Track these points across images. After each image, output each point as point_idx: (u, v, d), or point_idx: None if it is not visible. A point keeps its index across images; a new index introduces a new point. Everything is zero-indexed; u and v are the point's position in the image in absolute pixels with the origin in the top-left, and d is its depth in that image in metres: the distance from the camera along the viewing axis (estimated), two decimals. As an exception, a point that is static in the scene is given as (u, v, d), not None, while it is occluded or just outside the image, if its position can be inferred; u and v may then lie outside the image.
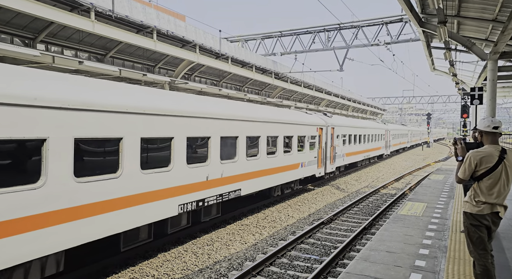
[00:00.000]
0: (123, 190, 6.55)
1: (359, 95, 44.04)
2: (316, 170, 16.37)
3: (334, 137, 18.76)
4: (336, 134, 18.99)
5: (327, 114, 19.78)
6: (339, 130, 19.61)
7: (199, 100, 9.38)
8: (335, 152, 18.88)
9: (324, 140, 17.24)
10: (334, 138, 18.77)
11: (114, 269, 7.39)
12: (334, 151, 18.76)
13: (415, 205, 9.54)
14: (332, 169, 18.84)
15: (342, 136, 20.20)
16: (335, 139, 18.87)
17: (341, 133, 20.04)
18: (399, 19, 21.04)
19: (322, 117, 18.08)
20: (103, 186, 6.14)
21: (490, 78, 12.73)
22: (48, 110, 5.31)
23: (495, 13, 10.06)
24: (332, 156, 18.50)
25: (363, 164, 27.74)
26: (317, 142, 16.18)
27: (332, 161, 18.54)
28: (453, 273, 5.02)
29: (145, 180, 7.03)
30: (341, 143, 20.04)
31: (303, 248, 8.99)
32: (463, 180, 4.11)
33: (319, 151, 16.59)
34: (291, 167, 13.71)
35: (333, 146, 18.51)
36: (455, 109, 75.33)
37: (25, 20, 10.76)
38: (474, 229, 3.97)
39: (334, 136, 18.76)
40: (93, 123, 5.99)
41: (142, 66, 15.84)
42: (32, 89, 5.24)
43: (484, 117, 4.36)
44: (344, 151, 20.54)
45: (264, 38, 24.89)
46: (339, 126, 19.83)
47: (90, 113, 5.94)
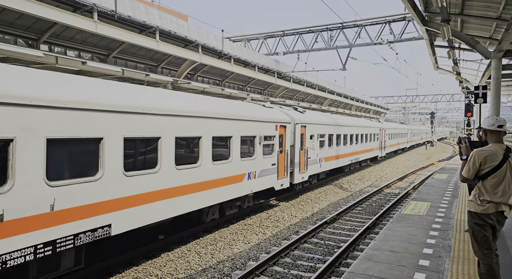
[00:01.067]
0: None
1: (362, 95, 43.90)
2: (275, 181, 12.42)
3: (307, 138, 15.19)
4: (309, 134, 15.44)
5: (298, 109, 16.11)
6: (313, 129, 15.92)
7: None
8: (307, 157, 15.16)
9: (289, 141, 13.49)
10: (307, 140, 15.20)
11: (117, 269, 7.41)
12: (306, 156, 15.08)
13: (418, 204, 9.50)
14: (303, 178, 15.07)
15: (319, 136, 16.51)
16: (307, 140, 15.31)
17: (318, 133, 16.40)
18: (402, 17, 20.94)
19: (287, 113, 14.37)
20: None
21: (494, 77, 12.65)
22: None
23: (499, 11, 9.98)
24: (303, 161, 14.80)
25: (352, 169, 24.01)
26: (276, 144, 12.39)
27: (303, 168, 14.86)
28: (457, 272, 4.99)
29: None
30: (317, 144, 16.38)
31: (307, 247, 8.97)
32: (467, 178, 4.09)
33: (280, 156, 12.77)
34: (229, 180, 9.92)
35: (304, 149, 14.92)
36: (459, 108, 75.03)
37: (28, 21, 10.80)
38: (478, 228, 3.95)
39: (307, 137, 15.19)
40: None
41: (145, 66, 15.86)
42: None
43: (489, 116, 4.34)
44: (321, 154, 16.86)
45: (266, 37, 24.87)
46: (314, 124, 16.09)
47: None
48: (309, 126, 15.43)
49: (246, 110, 11.06)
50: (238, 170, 10.33)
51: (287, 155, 13.27)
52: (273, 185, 12.40)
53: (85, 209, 5.98)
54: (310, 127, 15.60)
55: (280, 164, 12.79)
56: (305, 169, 15.11)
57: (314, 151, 16.06)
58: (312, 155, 15.85)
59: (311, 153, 15.69)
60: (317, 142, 16.35)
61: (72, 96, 5.82)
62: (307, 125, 15.20)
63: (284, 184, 13.19)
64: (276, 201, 14.08)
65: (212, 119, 9.20)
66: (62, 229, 5.61)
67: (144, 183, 7.17)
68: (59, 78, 6.17)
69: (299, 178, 14.64)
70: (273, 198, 14.17)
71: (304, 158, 14.97)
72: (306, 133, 15.13)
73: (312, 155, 15.79)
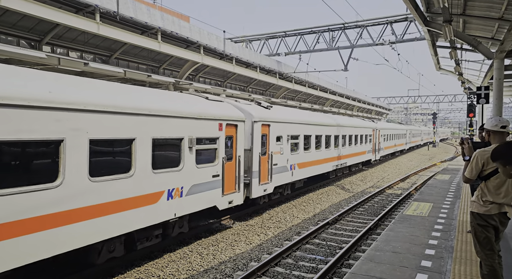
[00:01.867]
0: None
1: (364, 95, 43.86)
2: (219, 198, 9.49)
3: (271, 140, 12.18)
4: (275, 136, 12.40)
5: (263, 104, 12.92)
6: (282, 129, 12.87)
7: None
8: (271, 164, 12.19)
9: (242, 145, 10.51)
10: (271, 142, 12.18)
11: (120, 270, 7.42)
12: (270, 162, 12.12)
13: (421, 205, 9.48)
14: (266, 190, 12.04)
15: (289, 138, 13.49)
16: (272, 143, 12.26)
17: (288, 134, 13.38)
18: (404, 18, 20.92)
19: (242, 108, 11.24)
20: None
21: (496, 77, 12.63)
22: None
23: (501, 11, 9.96)
24: (265, 169, 11.89)
25: (340, 174, 20.80)
26: (221, 148, 9.52)
27: (265, 178, 11.89)
28: (459, 273, 4.97)
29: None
30: (287, 148, 13.41)
31: (308, 248, 8.97)
32: (470, 179, 4.08)
33: (228, 164, 9.86)
34: (130, 202, 6.89)
35: (268, 154, 12.03)
36: (461, 109, 74.86)
37: (31, 22, 10.85)
38: (481, 229, 3.93)
39: (271, 139, 12.18)
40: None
41: (147, 67, 15.89)
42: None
43: (492, 117, 4.33)
44: (294, 160, 13.93)
45: (268, 38, 24.88)
46: (282, 123, 12.90)
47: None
48: (275, 125, 12.35)
49: (165, 102, 7.87)
50: (149, 187, 7.20)
51: (238, 163, 10.21)
52: (216, 203, 9.36)
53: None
54: (277, 126, 12.51)
55: (227, 174, 9.79)
56: (269, 179, 12.10)
57: (283, 155, 12.97)
58: (280, 161, 12.80)
59: (278, 158, 12.61)
60: (287, 145, 13.31)
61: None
62: (271, 124, 12.11)
63: (234, 200, 10.15)
64: (230, 221, 11.14)
65: (90, 114, 6.08)
66: None
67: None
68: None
69: (259, 190, 11.58)
70: (226, 217, 11.06)
71: (268, 165, 11.97)
72: (271, 134, 12.11)
73: (279, 161, 12.74)
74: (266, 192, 12.07)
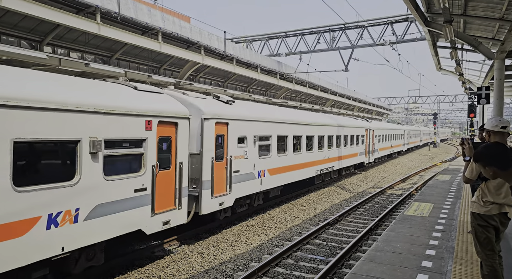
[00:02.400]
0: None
1: (364, 96, 43.85)
2: (145, 219, 7.26)
3: (231, 141, 10.10)
4: (236, 136, 10.37)
5: (221, 98, 10.71)
6: (246, 128, 10.86)
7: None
8: (231, 170, 10.08)
9: (186, 148, 8.39)
10: (230, 144, 10.07)
11: (120, 270, 7.44)
12: (229, 169, 10.00)
13: (421, 206, 9.48)
14: (223, 204, 9.83)
15: (257, 139, 11.34)
16: (232, 145, 10.17)
17: (255, 135, 11.27)
18: (404, 18, 20.92)
19: (188, 101, 9.26)
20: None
21: (497, 77, 12.63)
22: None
23: (502, 12, 9.97)
24: (221, 178, 9.75)
25: (328, 179, 18.69)
26: (150, 153, 7.32)
27: (222, 189, 9.75)
28: (460, 274, 4.97)
29: None
30: (254, 151, 11.24)
31: (309, 248, 8.97)
32: (470, 179, 4.08)
33: (160, 174, 7.59)
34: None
35: (226, 159, 9.91)
36: (462, 109, 74.79)
37: (31, 23, 10.87)
38: (481, 230, 3.93)
39: (231, 140, 10.10)
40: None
41: (148, 68, 15.91)
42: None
43: (492, 117, 4.33)
44: (263, 165, 11.76)
45: (268, 38, 24.90)
46: (246, 121, 10.88)
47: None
48: (236, 124, 10.30)
49: (48, 89, 5.74)
50: (5, 212, 4.98)
51: (180, 171, 8.07)
52: (140, 226, 7.12)
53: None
54: (239, 125, 10.48)
55: (161, 187, 7.59)
56: (227, 190, 9.94)
57: (248, 160, 10.88)
58: (243, 166, 10.67)
59: (240, 164, 10.50)
60: (253, 148, 11.16)
61: None
62: (231, 122, 10.04)
63: (173, 219, 7.92)
64: (176, 242, 9.09)
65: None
66: None
67: None
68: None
69: (212, 205, 9.36)
70: (172, 238, 9.05)
71: (225, 173, 9.90)
72: (230, 135, 10.06)
73: (242, 166, 10.60)
74: (223, 205, 9.79)
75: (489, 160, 3.61)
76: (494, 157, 3.61)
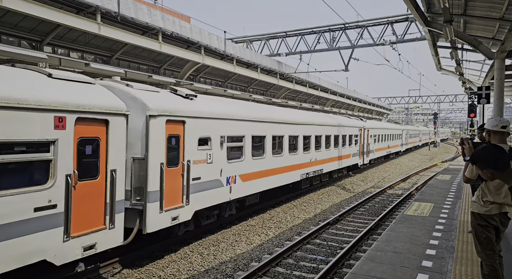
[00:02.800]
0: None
1: (364, 95, 43.85)
2: (55, 246, 5.55)
3: (188, 142, 8.42)
4: (196, 137, 8.73)
5: (179, 92, 9.08)
6: (210, 127, 9.24)
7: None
8: (189, 178, 8.44)
9: (117, 152, 6.72)
10: (188, 146, 8.43)
11: (120, 270, 7.43)
12: (186, 176, 8.37)
13: (421, 205, 9.48)
14: (178, 218, 8.16)
15: (225, 140, 9.76)
16: (191, 147, 8.52)
17: (222, 135, 9.66)
18: (404, 18, 20.92)
19: (131, 93, 7.70)
20: None
21: (497, 77, 12.63)
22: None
23: (502, 11, 9.96)
24: (177, 187, 8.17)
25: (317, 183, 17.29)
26: (62, 159, 5.73)
27: (178, 200, 8.15)
28: (460, 273, 4.97)
29: None
30: (222, 154, 9.66)
31: (309, 248, 8.97)
32: (470, 179, 4.08)
33: (80, 185, 6.04)
34: None
35: (182, 164, 8.26)
36: (462, 109, 74.76)
37: (32, 23, 10.88)
38: (481, 230, 3.93)
39: (188, 142, 8.43)
40: None
41: (148, 68, 15.91)
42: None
43: (492, 117, 4.34)
44: (233, 170, 10.20)
45: (269, 38, 24.90)
46: (210, 119, 9.24)
47: None
48: (195, 122, 8.68)
49: None
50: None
51: (112, 181, 6.50)
52: (46, 255, 5.45)
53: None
54: (200, 124, 8.87)
55: (81, 202, 6.01)
56: (184, 201, 8.30)
57: (213, 165, 9.33)
58: (207, 173, 9.09)
59: (202, 169, 8.90)
60: (220, 150, 9.61)
61: None
62: (188, 120, 8.42)
63: (100, 243, 6.28)
64: (119, 265, 7.56)
65: None
66: None
67: None
68: None
69: (162, 220, 7.66)
70: (112, 261, 7.49)
71: (181, 181, 8.24)
72: (188, 135, 8.43)
73: (205, 173, 9.03)
74: (177, 220, 8.08)
75: (487, 162, 3.62)
76: (492, 159, 3.62)
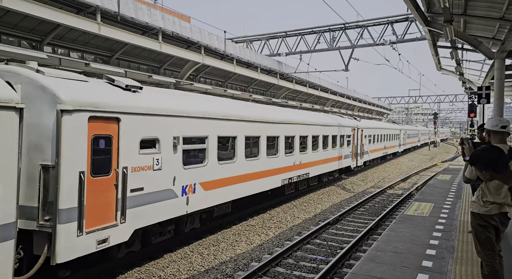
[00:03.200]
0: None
1: (364, 95, 43.84)
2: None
3: (124, 145, 6.71)
4: (138, 137, 7.06)
5: (116, 82, 7.39)
6: (157, 126, 7.51)
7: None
8: (126, 189, 6.68)
9: (6, 159, 4.90)
10: (125, 150, 6.72)
11: (121, 270, 7.44)
12: (122, 187, 6.59)
13: (422, 205, 9.47)
14: (108, 241, 6.30)
15: (179, 142, 7.99)
16: (130, 151, 6.82)
17: (176, 135, 7.90)
18: (404, 18, 20.90)
19: (34, 80, 5.82)
20: None
21: (497, 77, 12.63)
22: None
23: (503, 11, 9.96)
24: (109, 201, 6.42)
25: (304, 187, 15.76)
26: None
27: (111, 216, 6.43)
28: (460, 273, 4.97)
29: None
30: (175, 159, 7.91)
31: (309, 248, 8.97)
32: (470, 179, 4.08)
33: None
34: None
35: (116, 171, 6.55)
36: (462, 109, 74.73)
37: (32, 23, 10.87)
38: (481, 230, 3.93)
39: (124, 144, 6.72)
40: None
41: (148, 68, 15.91)
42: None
43: (492, 117, 4.34)
44: (192, 178, 8.46)
45: (269, 38, 24.88)
46: (157, 116, 7.49)
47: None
48: (136, 120, 6.97)
49: None
50: None
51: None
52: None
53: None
54: (144, 122, 7.14)
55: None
56: (119, 218, 6.55)
57: (162, 172, 7.55)
58: (153, 182, 7.32)
59: (146, 178, 7.14)
60: (173, 154, 7.79)
61: None
62: (125, 117, 6.71)
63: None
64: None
65: None
66: None
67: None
68: None
69: (80, 246, 5.87)
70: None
71: (114, 193, 6.52)
72: (125, 136, 6.73)
73: (150, 182, 7.25)
74: (106, 243, 6.29)
75: (485, 164, 3.62)
76: (490, 161, 3.62)
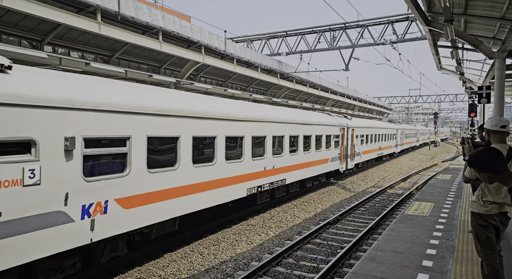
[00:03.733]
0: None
1: (365, 95, 43.84)
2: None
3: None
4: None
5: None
6: (38, 122, 5.10)
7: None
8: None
9: None
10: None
11: (121, 269, 7.44)
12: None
13: (422, 205, 9.47)
14: None
15: (70, 145, 5.52)
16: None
17: (67, 135, 5.50)
18: (405, 18, 20.90)
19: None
20: None
21: (498, 77, 12.62)
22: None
23: (503, 11, 9.95)
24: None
25: (281, 196, 13.59)
26: None
27: None
28: (461, 273, 4.97)
29: None
30: (68, 168, 5.59)
31: (310, 248, 8.97)
32: (470, 179, 4.08)
33: None
34: None
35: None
36: (463, 108, 74.73)
37: (32, 22, 10.88)
38: (481, 229, 3.93)
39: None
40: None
41: (148, 67, 15.91)
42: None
43: (492, 116, 4.33)
44: (101, 194, 6.15)
45: (269, 38, 24.88)
46: (38, 108, 5.09)
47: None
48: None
49: None
50: None
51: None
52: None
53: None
54: (6, 116, 4.83)
55: None
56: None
57: (40, 189, 5.23)
58: (22, 203, 4.99)
59: (11, 198, 4.85)
60: (65, 162, 5.59)
61: None
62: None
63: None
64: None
65: None
66: None
67: None
68: None
69: None
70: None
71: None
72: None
73: (16, 204, 4.91)
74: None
75: (483, 166, 3.61)
76: (488, 163, 3.62)
